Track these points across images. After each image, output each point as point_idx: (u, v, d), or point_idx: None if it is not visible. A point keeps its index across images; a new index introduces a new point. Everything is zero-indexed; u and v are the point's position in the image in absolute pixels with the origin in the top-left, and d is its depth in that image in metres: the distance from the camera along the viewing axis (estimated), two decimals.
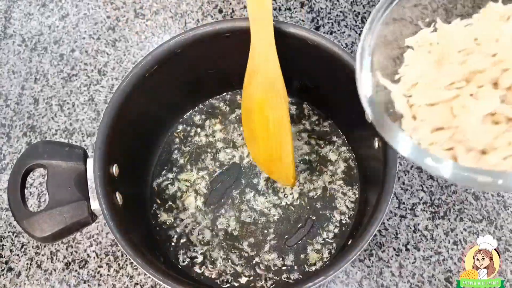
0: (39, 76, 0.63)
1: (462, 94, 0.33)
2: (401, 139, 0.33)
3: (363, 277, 0.51)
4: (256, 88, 0.49)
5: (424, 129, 0.35)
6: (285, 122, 0.48)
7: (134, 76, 0.48)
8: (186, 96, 0.57)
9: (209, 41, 0.49)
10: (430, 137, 0.34)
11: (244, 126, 0.53)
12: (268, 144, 0.50)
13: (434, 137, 0.34)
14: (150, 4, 0.66)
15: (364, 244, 0.40)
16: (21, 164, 0.43)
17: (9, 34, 0.66)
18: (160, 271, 0.41)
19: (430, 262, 0.52)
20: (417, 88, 0.36)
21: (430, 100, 0.35)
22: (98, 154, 0.44)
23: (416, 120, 0.36)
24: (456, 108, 0.33)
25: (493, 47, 0.33)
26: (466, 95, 0.33)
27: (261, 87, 0.49)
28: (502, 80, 0.32)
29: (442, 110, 0.34)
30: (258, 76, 0.48)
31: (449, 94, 0.34)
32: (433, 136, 0.34)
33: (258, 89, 0.49)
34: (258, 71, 0.48)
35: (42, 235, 0.41)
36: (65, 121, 0.60)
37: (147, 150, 0.56)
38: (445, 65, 0.35)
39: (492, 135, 0.32)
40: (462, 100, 0.33)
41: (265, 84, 0.48)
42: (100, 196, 0.42)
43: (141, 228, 0.52)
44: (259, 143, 0.51)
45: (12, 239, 0.55)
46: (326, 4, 0.65)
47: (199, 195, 0.54)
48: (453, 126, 0.33)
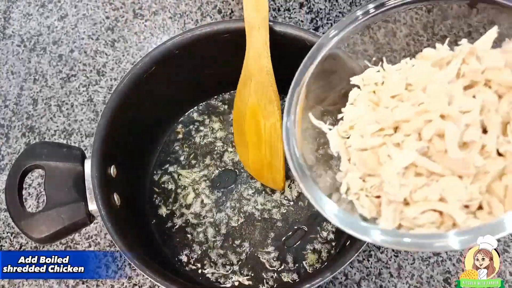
0: (38, 76, 0.63)
1: (388, 143, 0.32)
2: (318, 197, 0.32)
3: (362, 278, 0.51)
4: (249, 95, 0.49)
5: (355, 173, 0.34)
6: (278, 129, 0.48)
7: (132, 76, 0.48)
8: (185, 97, 0.57)
9: (207, 41, 0.49)
10: (359, 182, 0.33)
11: (235, 131, 0.53)
12: (259, 150, 0.50)
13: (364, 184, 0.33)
14: (149, 4, 0.66)
15: (363, 245, 0.40)
16: (19, 165, 0.43)
17: (8, 34, 0.66)
18: (158, 272, 0.41)
19: (429, 263, 0.51)
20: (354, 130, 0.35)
21: (360, 145, 0.34)
22: (96, 155, 0.44)
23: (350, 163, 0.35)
24: (382, 156, 0.32)
25: (420, 96, 0.32)
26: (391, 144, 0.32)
27: (254, 94, 0.48)
28: (424, 132, 0.31)
29: (370, 156, 0.33)
30: (251, 84, 0.48)
31: (376, 141, 0.33)
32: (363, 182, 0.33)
33: (251, 96, 0.49)
34: (252, 78, 0.48)
35: (40, 236, 0.41)
36: (64, 121, 0.60)
37: (145, 151, 0.56)
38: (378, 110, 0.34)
39: (409, 189, 0.31)
40: (387, 149, 0.32)
41: (258, 91, 0.48)
42: (97, 197, 0.42)
43: (139, 229, 0.52)
44: (250, 149, 0.51)
45: (11, 239, 0.55)
46: (325, 5, 0.65)
47: (198, 195, 0.54)
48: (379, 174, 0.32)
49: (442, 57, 0.34)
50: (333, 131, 0.37)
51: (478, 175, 0.30)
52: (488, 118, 0.30)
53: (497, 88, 0.31)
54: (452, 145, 0.30)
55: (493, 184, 0.30)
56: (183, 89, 0.55)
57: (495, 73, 0.31)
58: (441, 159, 0.30)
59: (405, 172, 0.31)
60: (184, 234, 0.53)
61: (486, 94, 0.31)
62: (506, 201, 0.29)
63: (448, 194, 0.30)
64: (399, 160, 0.31)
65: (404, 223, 0.31)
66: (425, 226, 0.30)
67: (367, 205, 0.33)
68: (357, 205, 0.34)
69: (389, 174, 0.31)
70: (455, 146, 0.30)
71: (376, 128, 0.33)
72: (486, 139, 0.30)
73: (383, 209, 0.32)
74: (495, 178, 0.29)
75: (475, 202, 0.30)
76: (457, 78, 0.33)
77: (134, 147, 0.53)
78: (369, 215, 0.33)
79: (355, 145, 0.34)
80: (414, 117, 0.31)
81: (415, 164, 0.31)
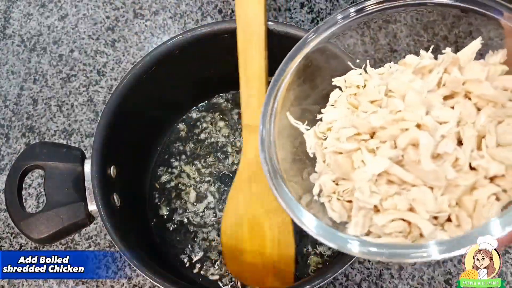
0: (38, 76, 0.63)
1: (363, 148, 0.32)
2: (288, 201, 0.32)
3: (363, 279, 0.51)
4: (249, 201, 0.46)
5: (328, 176, 0.33)
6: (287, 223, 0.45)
7: (132, 77, 0.48)
8: (185, 97, 0.57)
9: (208, 41, 0.49)
10: (332, 185, 0.33)
11: (225, 239, 0.48)
12: (263, 254, 0.46)
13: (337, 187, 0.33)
14: (149, 4, 0.66)
15: None
16: (19, 165, 0.43)
17: (8, 34, 0.66)
18: (157, 273, 0.41)
19: (430, 264, 0.51)
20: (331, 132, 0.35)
21: (335, 148, 0.33)
22: (96, 155, 0.44)
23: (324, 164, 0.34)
24: (356, 161, 0.32)
25: (398, 104, 0.32)
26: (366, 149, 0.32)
27: (257, 199, 0.45)
28: (399, 140, 0.30)
29: (344, 160, 0.32)
30: (252, 188, 0.45)
31: (351, 145, 0.32)
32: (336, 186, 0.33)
33: (253, 203, 0.46)
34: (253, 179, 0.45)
35: (39, 236, 0.41)
36: (64, 121, 0.60)
37: (145, 151, 0.56)
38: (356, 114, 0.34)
39: (379, 196, 0.30)
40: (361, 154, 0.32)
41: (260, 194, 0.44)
42: (97, 197, 0.42)
43: (139, 230, 0.51)
44: (248, 258, 0.47)
45: (11, 240, 0.55)
46: (326, 5, 0.65)
47: (199, 195, 0.54)
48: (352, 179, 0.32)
49: (423, 65, 0.34)
50: (310, 132, 0.36)
51: (449, 187, 0.29)
52: (464, 131, 0.30)
53: (477, 101, 0.31)
54: (425, 156, 0.29)
55: (463, 198, 0.29)
56: (184, 89, 0.55)
57: (475, 86, 0.31)
58: (414, 169, 0.30)
59: (377, 179, 0.31)
60: (185, 235, 0.53)
61: (465, 106, 0.31)
62: (474, 215, 0.29)
63: (418, 204, 0.30)
64: (371, 167, 0.30)
65: (373, 230, 0.31)
66: (393, 235, 0.30)
67: (338, 209, 0.33)
68: (328, 208, 0.33)
69: (360, 180, 0.31)
70: (428, 157, 0.29)
71: (352, 132, 0.33)
72: (460, 152, 0.30)
73: (353, 215, 0.32)
74: (465, 191, 0.29)
75: (443, 214, 0.29)
76: (438, 87, 0.33)
77: (134, 148, 0.53)
78: (339, 219, 0.33)
79: (330, 148, 0.34)
80: (391, 125, 0.31)
81: (388, 172, 0.30)
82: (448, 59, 0.33)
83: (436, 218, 0.30)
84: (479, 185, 0.29)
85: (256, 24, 0.44)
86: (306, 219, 0.31)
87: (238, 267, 0.48)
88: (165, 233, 0.53)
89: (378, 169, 0.30)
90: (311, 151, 0.36)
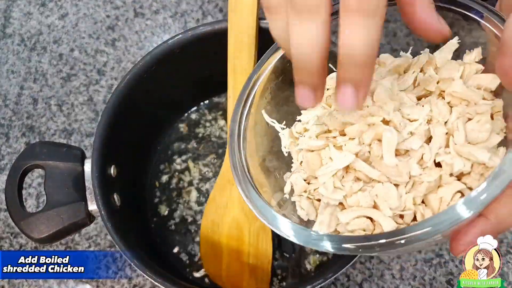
0: (38, 76, 0.63)
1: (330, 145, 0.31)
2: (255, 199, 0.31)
3: (364, 279, 0.51)
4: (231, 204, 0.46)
5: (299, 175, 0.33)
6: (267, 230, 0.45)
7: (133, 76, 0.47)
8: (186, 96, 0.57)
9: (209, 41, 0.49)
10: (303, 184, 0.33)
11: (203, 244, 0.49)
12: (239, 257, 0.46)
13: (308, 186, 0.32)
14: (150, 3, 0.66)
15: None
16: (19, 165, 0.43)
17: (8, 33, 0.66)
18: (158, 273, 0.41)
19: (432, 265, 0.51)
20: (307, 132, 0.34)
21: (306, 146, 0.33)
22: (96, 155, 0.44)
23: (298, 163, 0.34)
24: (324, 158, 0.32)
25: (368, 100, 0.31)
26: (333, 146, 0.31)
27: (238, 202, 0.46)
28: (365, 135, 0.30)
29: (314, 158, 0.32)
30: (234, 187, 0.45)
31: (318, 142, 0.32)
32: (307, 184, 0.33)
33: (234, 205, 0.46)
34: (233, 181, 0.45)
35: (40, 236, 0.41)
36: (64, 121, 0.60)
37: (146, 150, 0.56)
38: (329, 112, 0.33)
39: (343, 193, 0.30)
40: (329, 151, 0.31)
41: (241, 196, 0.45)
42: (97, 197, 0.42)
43: (139, 229, 0.51)
44: (226, 259, 0.47)
45: (11, 239, 0.55)
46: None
47: (201, 195, 0.54)
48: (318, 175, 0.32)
49: (398, 64, 0.33)
50: (285, 131, 0.36)
51: (415, 185, 0.29)
52: (434, 129, 0.30)
53: (450, 99, 0.31)
54: (387, 151, 0.29)
55: (428, 196, 0.29)
56: (184, 89, 0.55)
57: (448, 84, 0.31)
58: (379, 165, 0.30)
59: (344, 176, 0.31)
60: (185, 235, 0.53)
61: (437, 105, 0.31)
62: None
63: (381, 201, 0.29)
64: (336, 162, 0.30)
65: (340, 228, 0.31)
66: (356, 232, 0.30)
67: (306, 207, 0.32)
68: (297, 206, 0.33)
69: (324, 174, 0.31)
70: (391, 152, 0.29)
71: (321, 129, 0.32)
72: (426, 148, 0.29)
73: (320, 213, 0.31)
74: (430, 189, 0.29)
75: (408, 212, 0.29)
76: (413, 86, 0.32)
77: (135, 147, 0.52)
78: (306, 217, 0.33)
79: (301, 145, 0.33)
80: (359, 120, 0.31)
81: (354, 168, 0.30)
82: (424, 58, 0.32)
83: (402, 217, 0.29)
84: (444, 183, 0.29)
85: (248, 30, 0.44)
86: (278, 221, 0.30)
87: (215, 269, 0.48)
88: (164, 233, 0.53)
89: (342, 164, 0.30)
90: (285, 150, 0.35)
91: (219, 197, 0.48)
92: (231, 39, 0.45)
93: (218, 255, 0.48)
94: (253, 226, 0.46)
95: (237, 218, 0.46)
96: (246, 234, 0.46)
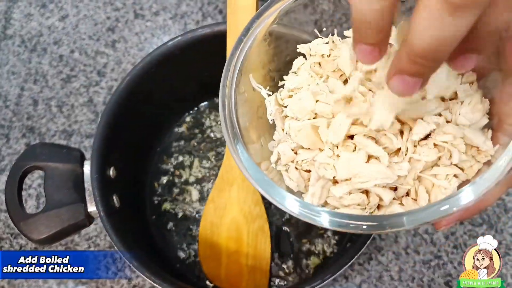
0: (38, 77, 0.63)
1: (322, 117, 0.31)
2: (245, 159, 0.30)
3: (362, 281, 0.51)
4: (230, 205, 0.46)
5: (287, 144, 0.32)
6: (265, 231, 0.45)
7: (133, 77, 0.48)
8: (186, 97, 0.57)
9: (208, 42, 0.49)
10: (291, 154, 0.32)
11: (201, 245, 0.49)
12: (238, 258, 0.46)
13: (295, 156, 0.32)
14: (150, 5, 0.66)
15: (363, 248, 0.40)
16: (19, 166, 0.43)
17: (9, 35, 0.66)
18: (157, 273, 0.41)
19: (430, 266, 0.51)
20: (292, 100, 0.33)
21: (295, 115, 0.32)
22: (95, 156, 0.44)
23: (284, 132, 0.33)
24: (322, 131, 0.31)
25: None
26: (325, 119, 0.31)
27: (237, 203, 0.46)
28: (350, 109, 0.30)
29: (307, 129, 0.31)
30: (233, 191, 0.45)
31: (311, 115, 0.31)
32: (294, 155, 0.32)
33: (233, 206, 0.46)
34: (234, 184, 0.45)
35: (39, 237, 0.41)
36: (64, 122, 0.60)
37: (145, 152, 0.56)
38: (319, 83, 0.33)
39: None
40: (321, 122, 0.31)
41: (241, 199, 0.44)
42: (97, 198, 0.42)
43: (139, 230, 0.52)
44: (225, 260, 0.47)
45: (11, 240, 0.55)
46: (328, 6, 0.65)
47: (200, 196, 0.54)
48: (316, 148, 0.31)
49: None
50: (271, 98, 0.35)
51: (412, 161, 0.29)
52: None
53: None
54: None
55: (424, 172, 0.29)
56: (184, 90, 0.55)
57: None
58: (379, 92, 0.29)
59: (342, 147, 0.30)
60: (185, 235, 0.53)
61: None
62: (432, 191, 0.29)
63: None
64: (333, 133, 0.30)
65: (331, 201, 0.31)
66: (351, 206, 0.30)
67: (295, 178, 0.32)
68: (285, 177, 0.33)
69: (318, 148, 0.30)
70: None
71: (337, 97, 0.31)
72: None
73: (311, 185, 0.31)
74: (427, 167, 0.29)
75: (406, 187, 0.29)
76: None
77: (134, 148, 0.53)
78: (296, 189, 0.32)
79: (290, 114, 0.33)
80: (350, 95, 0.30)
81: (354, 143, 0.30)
82: None
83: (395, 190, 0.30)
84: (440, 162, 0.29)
85: None
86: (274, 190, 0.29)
87: (214, 270, 0.48)
88: (164, 234, 0.53)
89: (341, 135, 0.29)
90: (271, 117, 0.35)
91: (217, 198, 0.48)
92: (230, 41, 0.45)
93: (217, 256, 0.48)
94: (251, 227, 0.46)
95: (236, 219, 0.46)
96: (245, 235, 0.47)
